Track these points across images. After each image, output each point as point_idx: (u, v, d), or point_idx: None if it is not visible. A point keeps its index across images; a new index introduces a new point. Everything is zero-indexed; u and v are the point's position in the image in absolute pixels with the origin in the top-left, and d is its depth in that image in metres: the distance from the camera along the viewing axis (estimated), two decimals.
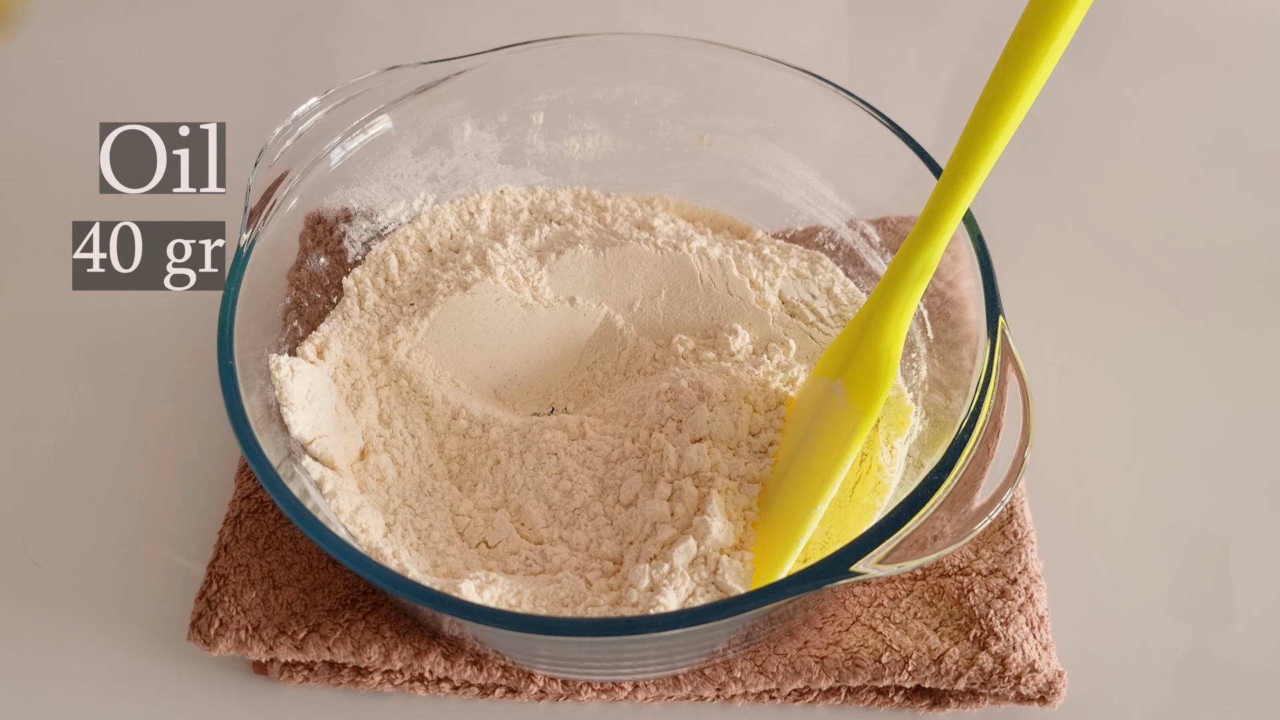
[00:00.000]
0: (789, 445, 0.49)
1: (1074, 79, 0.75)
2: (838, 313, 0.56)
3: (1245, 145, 0.71)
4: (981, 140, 0.42)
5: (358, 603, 0.48)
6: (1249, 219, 0.66)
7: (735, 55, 0.56)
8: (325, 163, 0.53)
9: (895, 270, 0.46)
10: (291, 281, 0.56)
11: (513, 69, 0.57)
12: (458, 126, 0.59)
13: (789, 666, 0.47)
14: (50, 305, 0.62)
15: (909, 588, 0.49)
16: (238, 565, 0.49)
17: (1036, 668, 0.46)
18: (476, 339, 0.56)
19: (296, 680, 0.48)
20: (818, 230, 0.59)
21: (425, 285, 0.58)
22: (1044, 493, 0.53)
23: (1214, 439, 0.57)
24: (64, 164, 0.68)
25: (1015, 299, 0.50)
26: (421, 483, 0.51)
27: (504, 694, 0.48)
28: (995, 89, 0.41)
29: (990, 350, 0.44)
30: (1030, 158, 0.70)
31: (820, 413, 0.48)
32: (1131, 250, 0.65)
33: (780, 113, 0.58)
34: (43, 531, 0.54)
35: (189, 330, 0.59)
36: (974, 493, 0.41)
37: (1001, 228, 0.53)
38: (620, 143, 0.61)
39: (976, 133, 0.42)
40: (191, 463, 0.56)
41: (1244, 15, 0.78)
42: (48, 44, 0.76)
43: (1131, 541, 0.53)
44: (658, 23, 0.73)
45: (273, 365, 0.51)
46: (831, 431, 0.47)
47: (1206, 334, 0.61)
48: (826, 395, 0.48)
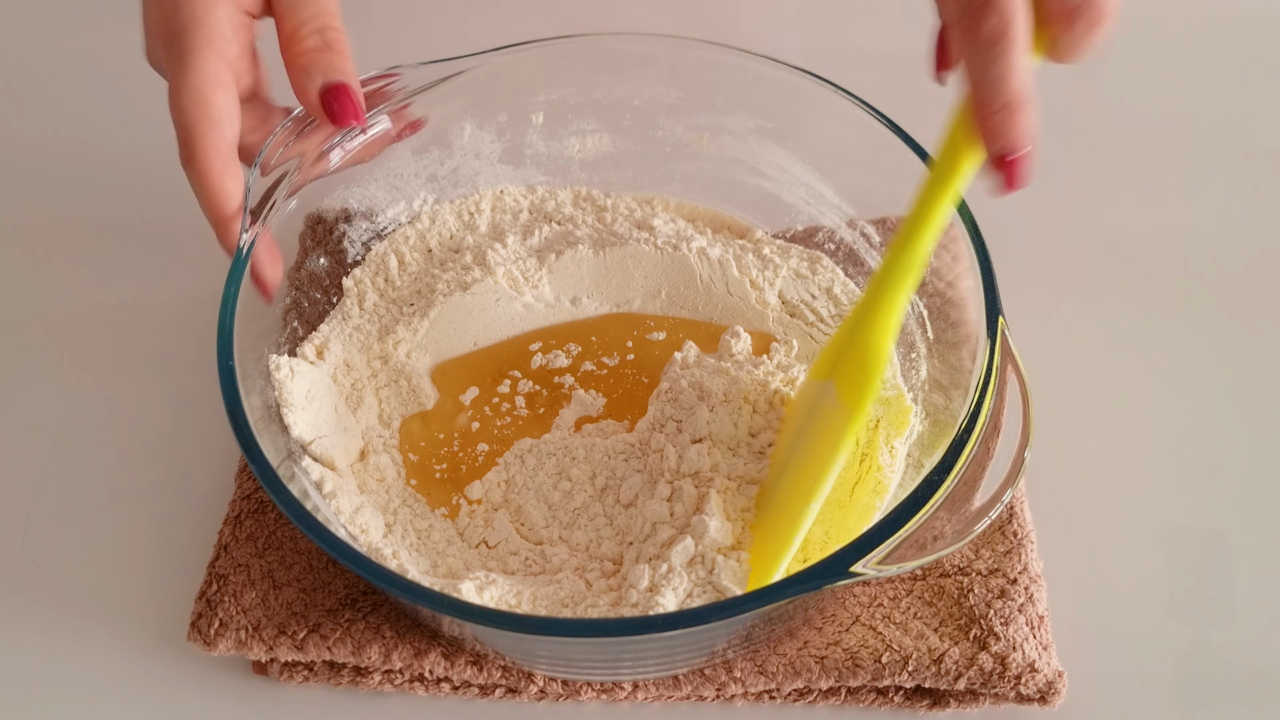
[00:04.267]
0: (784, 446, 0.49)
1: (1074, 79, 0.75)
2: (838, 312, 0.56)
3: (1245, 145, 0.71)
4: (966, 137, 0.42)
5: (358, 603, 0.48)
6: (1249, 219, 0.66)
7: (735, 55, 0.56)
8: (325, 163, 0.53)
9: (883, 270, 0.46)
10: (291, 282, 0.56)
11: (512, 69, 0.57)
12: (457, 126, 0.59)
13: (789, 666, 0.47)
14: (50, 305, 0.62)
15: (909, 588, 0.49)
16: (238, 565, 0.49)
17: (1036, 668, 0.46)
18: (476, 339, 0.56)
19: (296, 680, 0.48)
20: (817, 230, 0.59)
21: (425, 285, 0.58)
22: (1044, 493, 0.53)
23: (1214, 439, 0.56)
24: (64, 164, 0.68)
25: (1015, 299, 0.49)
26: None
27: (504, 694, 0.48)
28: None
29: (990, 350, 0.44)
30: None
31: (813, 413, 0.48)
32: (1131, 250, 0.65)
33: (780, 113, 0.57)
34: (43, 531, 0.54)
35: (189, 330, 0.59)
36: (974, 493, 0.41)
37: (1001, 228, 0.53)
38: (620, 143, 0.61)
39: (961, 129, 0.42)
40: (191, 463, 0.56)
41: (1244, 15, 0.78)
42: (46, 44, 0.76)
43: (1131, 541, 0.53)
44: (658, 23, 0.73)
45: (272, 366, 0.51)
46: (824, 431, 0.46)
47: (1206, 334, 0.61)
48: (820, 396, 0.48)
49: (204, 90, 0.45)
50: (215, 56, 0.46)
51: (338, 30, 0.49)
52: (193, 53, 0.46)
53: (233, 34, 0.47)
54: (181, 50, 0.46)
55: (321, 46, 0.48)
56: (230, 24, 0.47)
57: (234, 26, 0.47)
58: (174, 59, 0.46)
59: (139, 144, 0.68)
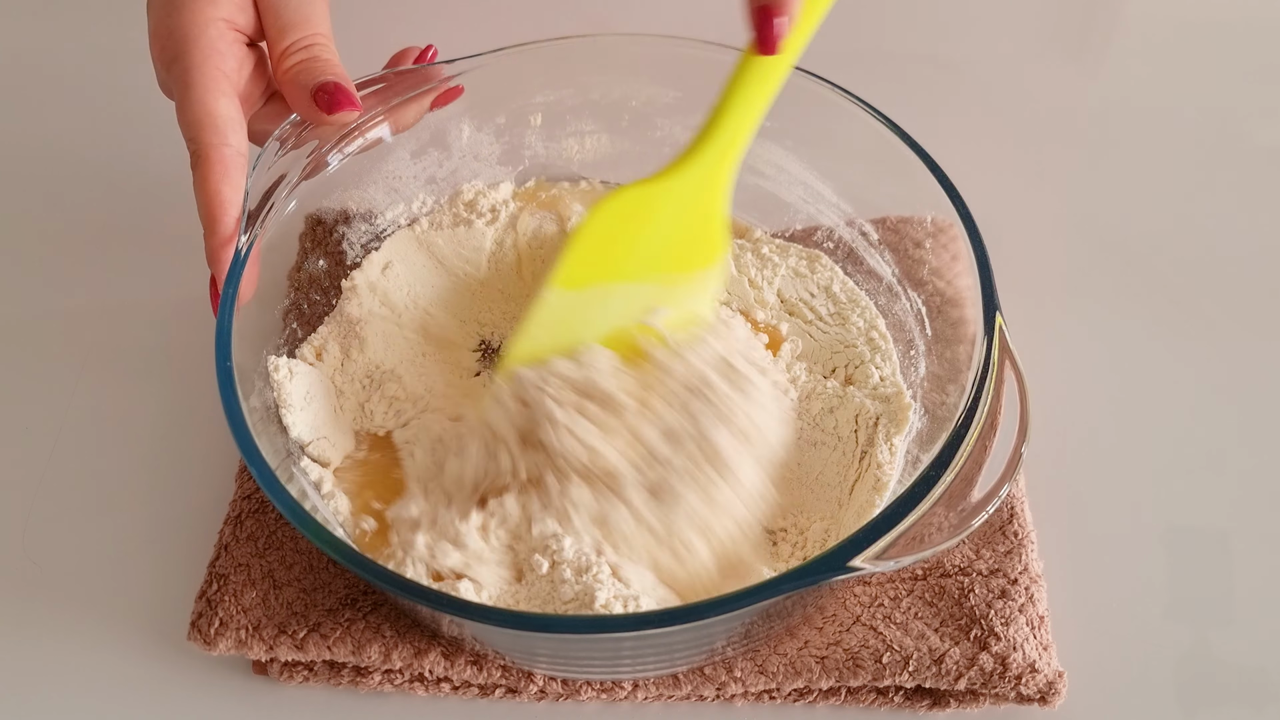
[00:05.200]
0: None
1: (1074, 79, 0.75)
2: (836, 311, 0.56)
3: (1245, 145, 0.71)
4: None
5: (358, 602, 0.48)
6: (1249, 219, 0.66)
7: (733, 55, 0.56)
8: (324, 165, 0.53)
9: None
10: (291, 283, 0.56)
11: (510, 70, 0.57)
12: (456, 128, 0.59)
13: (789, 666, 0.47)
14: (50, 306, 0.62)
15: (909, 588, 0.49)
16: (238, 565, 0.49)
17: (1037, 668, 0.46)
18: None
19: (296, 680, 0.48)
20: (816, 229, 0.59)
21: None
22: (1044, 493, 0.53)
23: (1213, 439, 0.56)
24: (64, 164, 0.69)
25: (1014, 298, 0.50)
26: None
27: (504, 694, 0.48)
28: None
29: (987, 347, 0.44)
30: (1030, 158, 0.70)
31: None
32: (1131, 249, 0.65)
33: (778, 112, 0.57)
34: (43, 531, 0.54)
35: (189, 331, 0.59)
36: (971, 489, 0.41)
37: (1000, 226, 0.53)
38: (619, 143, 0.61)
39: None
40: (191, 463, 0.56)
41: (1244, 15, 0.78)
42: (46, 44, 0.76)
43: (1131, 541, 0.53)
44: (656, 23, 0.73)
45: (271, 367, 0.51)
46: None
47: (1206, 333, 0.61)
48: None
49: (205, 101, 0.47)
50: (213, 69, 0.48)
51: (327, 46, 0.50)
52: (191, 69, 0.48)
53: (228, 48, 0.49)
54: (181, 70, 0.48)
55: (310, 59, 0.50)
56: (224, 39, 0.49)
57: (228, 41, 0.49)
58: (176, 79, 0.48)
59: (139, 144, 0.68)
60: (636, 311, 0.50)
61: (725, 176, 0.50)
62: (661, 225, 0.50)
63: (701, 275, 0.52)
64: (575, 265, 0.50)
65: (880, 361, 0.53)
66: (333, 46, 0.50)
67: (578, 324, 0.50)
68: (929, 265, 0.54)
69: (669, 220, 0.50)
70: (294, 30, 0.50)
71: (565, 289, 0.50)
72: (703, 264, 0.52)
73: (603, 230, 0.50)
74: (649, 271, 0.51)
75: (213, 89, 0.47)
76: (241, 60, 0.50)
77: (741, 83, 0.48)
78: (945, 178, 0.50)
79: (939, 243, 0.53)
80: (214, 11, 0.49)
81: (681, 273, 0.51)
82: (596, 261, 0.50)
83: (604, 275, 0.50)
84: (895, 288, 0.55)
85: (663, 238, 0.50)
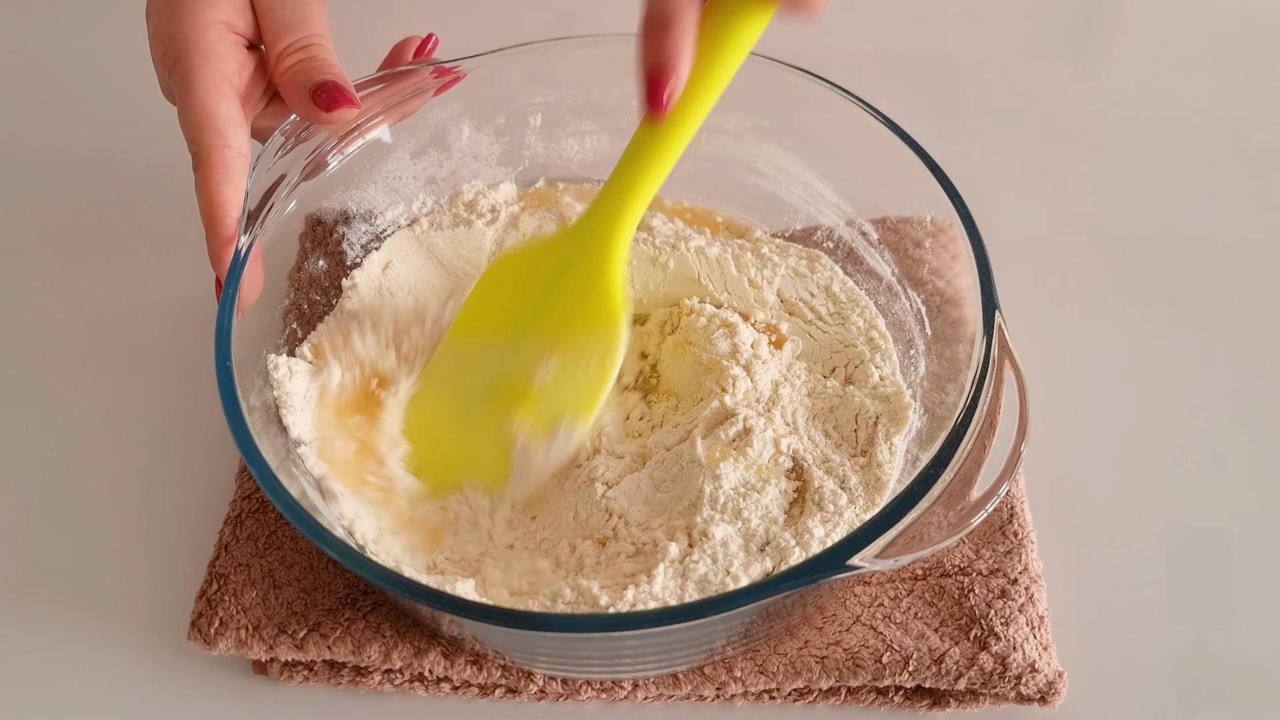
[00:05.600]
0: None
1: (1074, 79, 0.75)
2: (836, 310, 0.56)
3: (1245, 145, 0.71)
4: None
5: (358, 602, 0.48)
6: (1249, 219, 0.66)
7: None
8: (324, 165, 0.53)
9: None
10: (290, 283, 0.56)
11: (510, 71, 0.57)
12: (456, 129, 0.59)
13: (789, 666, 0.47)
14: (50, 306, 0.62)
15: (909, 588, 0.49)
16: (238, 565, 0.49)
17: (1037, 668, 0.46)
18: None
19: (296, 680, 0.48)
20: (816, 229, 0.59)
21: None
22: (1044, 493, 0.53)
23: (1213, 439, 0.56)
24: (64, 164, 0.69)
25: (1013, 297, 0.50)
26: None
27: (504, 694, 0.48)
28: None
29: (986, 346, 0.44)
30: (1030, 158, 0.70)
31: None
32: (1130, 249, 0.65)
33: (778, 112, 0.58)
34: (43, 531, 0.54)
35: (189, 330, 0.60)
36: (970, 488, 0.41)
37: (999, 225, 0.53)
38: (618, 143, 0.60)
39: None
40: (191, 463, 0.56)
41: (1244, 15, 0.78)
42: (46, 44, 0.76)
43: (1131, 541, 0.53)
44: None
45: (271, 366, 0.51)
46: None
47: (1206, 333, 0.61)
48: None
49: (206, 104, 0.48)
50: (213, 72, 0.48)
51: (324, 46, 0.51)
52: (192, 72, 0.48)
53: (228, 51, 0.49)
54: (182, 73, 0.48)
55: (307, 59, 0.50)
56: (224, 42, 0.49)
57: (228, 44, 0.49)
58: (177, 82, 0.49)
59: (139, 144, 0.69)
60: (522, 364, 0.51)
61: (616, 242, 0.49)
62: (549, 284, 0.51)
63: (595, 340, 0.50)
64: (466, 319, 0.52)
65: (880, 361, 0.53)
66: (330, 46, 0.51)
67: (466, 375, 0.52)
68: (929, 265, 0.54)
69: (555, 280, 0.51)
70: (291, 31, 0.50)
71: (456, 341, 0.52)
72: (593, 328, 0.50)
73: (493, 286, 0.52)
74: (534, 327, 0.51)
75: (213, 91, 0.48)
76: (242, 63, 0.50)
77: (634, 150, 0.48)
78: (945, 178, 0.50)
79: (939, 242, 0.53)
80: (213, 15, 0.49)
81: (568, 332, 0.50)
82: (486, 316, 0.52)
83: (492, 329, 0.52)
84: (895, 287, 0.55)
85: (550, 296, 0.51)
